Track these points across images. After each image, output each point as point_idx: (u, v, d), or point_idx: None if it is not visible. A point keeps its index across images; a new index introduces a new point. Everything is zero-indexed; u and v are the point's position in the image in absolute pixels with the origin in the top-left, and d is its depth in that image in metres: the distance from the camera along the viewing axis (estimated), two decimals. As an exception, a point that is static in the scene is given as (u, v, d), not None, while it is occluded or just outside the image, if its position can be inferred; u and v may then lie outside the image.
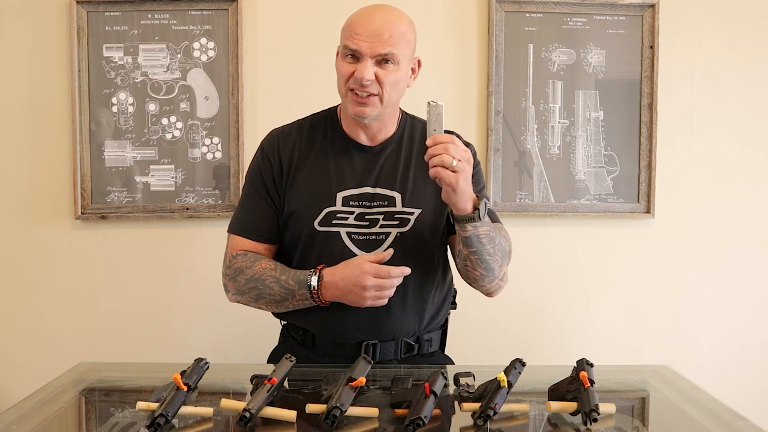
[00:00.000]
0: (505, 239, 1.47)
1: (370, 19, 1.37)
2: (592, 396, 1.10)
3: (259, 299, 1.43)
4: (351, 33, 1.37)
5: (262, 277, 1.41)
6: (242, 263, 1.44)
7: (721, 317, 2.30)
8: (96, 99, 2.17)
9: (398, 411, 1.14)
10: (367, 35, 1.35)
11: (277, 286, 1.39)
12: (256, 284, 1.41)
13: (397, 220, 1.44)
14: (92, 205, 2.18)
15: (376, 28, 1.36)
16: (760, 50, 2.25)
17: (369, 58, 1.35)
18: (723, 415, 1.19)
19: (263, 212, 1.47)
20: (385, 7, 1.41)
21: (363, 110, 1.39)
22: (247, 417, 1.05)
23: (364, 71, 1.35)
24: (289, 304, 1.41)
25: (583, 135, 2.23)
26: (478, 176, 1.52)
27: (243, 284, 1.43)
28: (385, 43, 1.35)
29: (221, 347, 2.19)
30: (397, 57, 1.37)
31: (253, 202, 1.48)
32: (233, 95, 2.16)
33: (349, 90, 1.39)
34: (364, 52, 1.35)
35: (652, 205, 2.23)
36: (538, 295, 2.27)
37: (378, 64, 1.37)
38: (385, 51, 1.36)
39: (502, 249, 1.43)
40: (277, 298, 1.40)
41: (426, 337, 1.50)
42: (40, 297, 2.21)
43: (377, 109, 1.40)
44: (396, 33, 1.37)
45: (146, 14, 2.16)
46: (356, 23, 1.38)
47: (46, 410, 1.21)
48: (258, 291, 1.41)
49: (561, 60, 2.22)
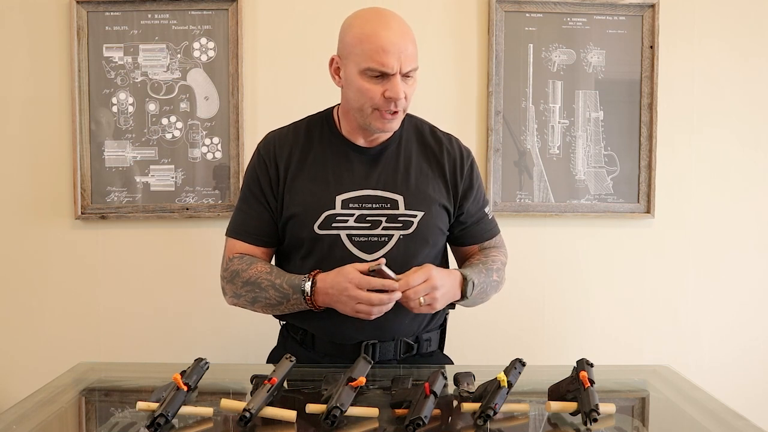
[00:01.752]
0: (497, 271, 1.51)
1: (391, 33, 1.33)
2: (592, 396, 1.10)
3: (255, 302, 1.43)
4: (376, 50, 1.32)
5: (258, 280, 1.40)
6: (238, 266, 1.44)
7: (721, 317, 2.30)
8: (96, 99, 2.17)
9: (398, 411, 1.14)
10: (396, 52, 1.32)
11: (272, 290, 1.39)
12: (252, 288, 1.41)
13: (401, 222, 1.44)
14: (92, 205, 2.18)
15: (401, 44, 1.33)
16: (760, 50, 2.25)
17: (399, 75, 1.34)
18: (723, 415, 1.19)
19: (260, 216, 1.47)
20: (394, 17, 1.37)
21: (391, 126, 1.41)
22: (247, 417, 1.05)
23: (399, 91, 1.34)
24: (284, 308, 1.41)
25: (583, 135, 2.23)
26: (479, 193, 1.54)
27: (239, 287, 1.43)
28: (410, 59, 1.34)
29: (221, 347, 2.19)
30: (417, 68, 1.38)
31: (250, 206, 1.48)
32: (233, 95, 2.16)
33: (374, 109, 1.37)
34: (395, 70, 1.33)
35: (652, 205, 2.23)
36: (538, 295, 2.27)
37: (402, 79, 1.35)
38: (412, 67, 1.35)
39: (494, 288, 1.51)
40: (273, 302, 1.40)
41: (425, 337, 1.50)
42: (40, 297, 2.21)
43: (401, 120, 1.42)
44: (413, 44, 1.36)
45: (146, 14, 2.16)
46: (378, 40, 1.32)
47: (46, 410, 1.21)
48: (254, 294, 1.41)
49: (561, 60, 2.22)
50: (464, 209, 1.51)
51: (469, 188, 1.51)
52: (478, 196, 1.54)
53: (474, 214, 1.53)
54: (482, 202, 1.55)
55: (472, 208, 1.52)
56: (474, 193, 1.52)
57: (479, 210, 1.54)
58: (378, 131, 1.42)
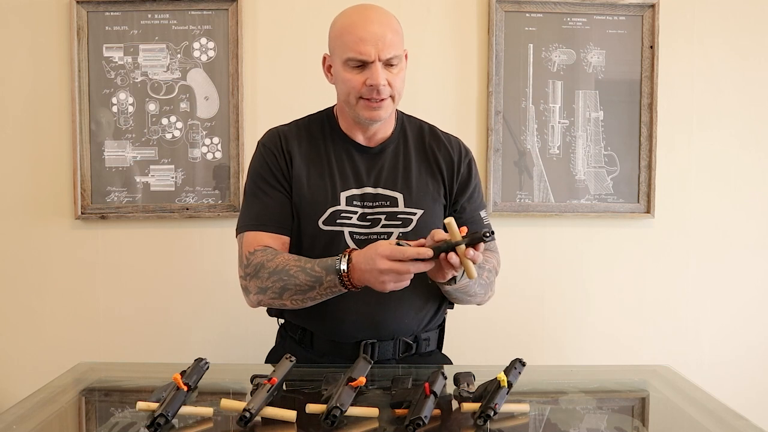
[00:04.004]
0: (489, 272, 1.47)
1: (368, 23, 1.35)
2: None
3: (284, 292, 1.35)
4: (354, 40, 1.34)
5: (285, 268, 1.34)
6: (262, 258, 1.38)
7: (721, 317, 2.30)
8: (96, 99, 2.17)
9: (398, 411, 1.14)
10: (372, 39, 1.34)
11: (303, 275, 1.33)
12: (280, 276, 1.34)
13: (400, 220, 1.44)
14: (92, 205, 2.18)
15: (379, 32, 1.34)
16: (760, 50, 2.25)
17: (378, 62, 1.35)
18: (723, 415, 1.19)
19: (278, 202, 1.44)
20: (374, 8, 1.40)
21: (378, 114, 1.39)
22: (247, 417, 1.05)
23: (378, 77, 1.34)
24: (316, 294, 1.33)
25: (583, 135, 2.23)
26: (476, 192, 1.53)
27: (266, 279, 1.36)
28: (389, 46, 1.35)
29: (221, 347, 2.19)
30: (400, 57, 1.38)
31: (266, 194, 1.44)
32: (233, 95, 2.16)
33: (358, 99, 1.38)
34: (372, 57, 1.34)
35: (652, 205, 2.23)
36: (538, 295, 2.27)
37: (385, 68, 1.36)
38: (392, 54, 1.36)
39: (483, 287, 1.46)
40: (304, 288, 1.33)
41: (424, 337, 1.50)
42: (40, 297, 2.21)
43: (390, 109, 1.41)
44: (394, 32, 1.37)
45: (146, 14, 2.16)
46: (356, 30, 1.35)
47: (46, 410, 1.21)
48: (283, 282, 1.34)
49: (561, 60, 2.22)
50: (458, 205, 1.50)
51: (465, 184, 1.50)
52: (475, 195, 1.52)
53: (469, 212, 1.51)
54: (478, 204, 1.53)
55: (466, 205, 1.50)
56: (470, 190, 1.51)
57: (474, 210, 1.52)
58: (367, 121, 1.41)
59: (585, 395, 1.33)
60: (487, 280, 1.47)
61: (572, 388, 1.35)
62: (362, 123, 1.43)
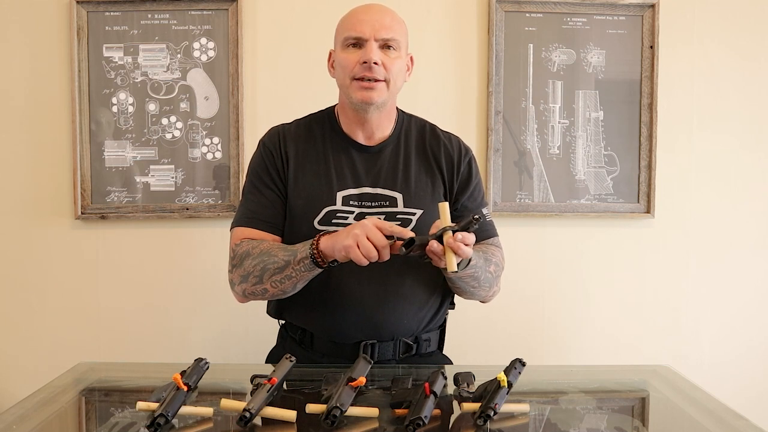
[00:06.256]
0: (496, 265, 1.47)
1: (370, 9, 1.41)
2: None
3: (263, 273, 1.35)
4: (352, 22, 1.40)
5: (268, 250, 1.37)
6: (247, 247, 1.39)
7: (721, 317, 2.30)
8: (96, 99, 2.17)
9: (398, 411, 1.14)
10: (370, 20, 1.38)
11: (281, 253, 1.34)
12: (262, 258, 1.36)
13: (399, 220, 1.44)
14: (92, 205, 2.18)
15: (377, 15, 1.39)
16: (760, 50, 2.25)
17: (374, 41, 1.37)
18: (723, 415, 1.19)
19: (271, 201, 1.45)
20: (380, 3, 1.45)
21: (370, 95, 1.39)
22: (247, 417, 1.05)
23: (371, 53, 1.37)
24: (291, 270, 1.33)
25: (583, 135, 2.23)
26: (477, 191, 1.53)
27: (249, 265, 1.37)
28: (388, 28, 1.39)
29: (221, 347, 2.19)
30: (399, 43, 1.41)
31: (260, 193, 1.46)
32: (233, 95, 2.16)
33: (353, 79, 1.39)
34: (368, 35, 1.37)
35: (652, 205, 2.23)
36: (538, 295, 2.27)
37: (382, 50, 1.39)
38: (389, 36, 1.39)
39: (488, 279, 1.44)
40: (280, 265, 1.34)
41: (424, 337, 1.49)
42: (40, 297, 2.21)
43: (384, 95, 1.40)
44: (395, 21, 1.41)
45: (146, 14, 2.16)
46: (356, 14, 1.41)
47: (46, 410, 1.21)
48: (263, 264, 1.35)
49: (561, 60, 2.22)
50: (459, 204, 1.49)
51: (466, 183, 1.50)
52: (476, 193, 1.52)
53: (470, 210, 1.50)
54: (480, 201, 1.53)
55: (468, 203, 1.50)
56: (471, 189, 1.51)
57: (476, 208, 1.51)
58: (360, 104, 1.40)
59: (585, 395, 1.33)
60: (494, 274, 1.47)
61: (572, 388, 1.35)
62: (357, 108, 1.43)
